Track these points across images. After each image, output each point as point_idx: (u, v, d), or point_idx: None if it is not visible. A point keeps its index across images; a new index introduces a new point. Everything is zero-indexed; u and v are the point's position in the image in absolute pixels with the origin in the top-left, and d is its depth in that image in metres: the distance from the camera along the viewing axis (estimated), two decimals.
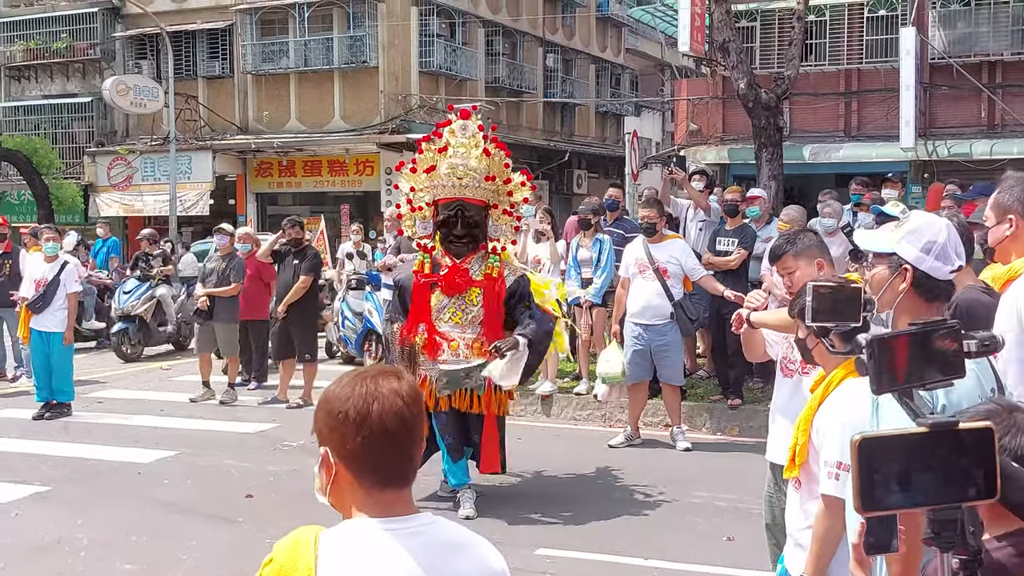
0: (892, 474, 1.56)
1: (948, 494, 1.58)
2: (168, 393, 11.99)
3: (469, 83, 27.38)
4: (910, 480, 1.56)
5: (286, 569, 1.94)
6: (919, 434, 1.59)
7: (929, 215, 3.13)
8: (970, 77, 19.43)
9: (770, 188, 12.78)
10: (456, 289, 7.09)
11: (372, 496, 1.97)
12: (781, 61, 17.75)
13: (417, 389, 2.02)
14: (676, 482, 7.79)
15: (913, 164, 20.04)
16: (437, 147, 7.20)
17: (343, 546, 1.96)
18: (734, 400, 9.62)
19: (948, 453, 1.57)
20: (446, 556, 2.00)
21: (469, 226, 7.12)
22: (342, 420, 1.94)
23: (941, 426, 1.58)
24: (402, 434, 1.94)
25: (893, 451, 1.57)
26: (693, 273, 8.68)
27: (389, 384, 1.95)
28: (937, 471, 1.56)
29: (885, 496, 1.56)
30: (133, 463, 8.66)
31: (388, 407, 1.93)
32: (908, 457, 1.56)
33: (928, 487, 1.56)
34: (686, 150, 22.84)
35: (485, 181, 7.12)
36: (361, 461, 1.95)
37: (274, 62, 26.69)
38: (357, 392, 1.95)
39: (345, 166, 26.51)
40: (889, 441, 1.59)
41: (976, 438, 1.58)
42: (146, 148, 27.61)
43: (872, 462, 1.56)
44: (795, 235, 4.22)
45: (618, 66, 35.70)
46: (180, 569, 6.09)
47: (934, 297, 2.87)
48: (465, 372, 7.02)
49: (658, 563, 6.10)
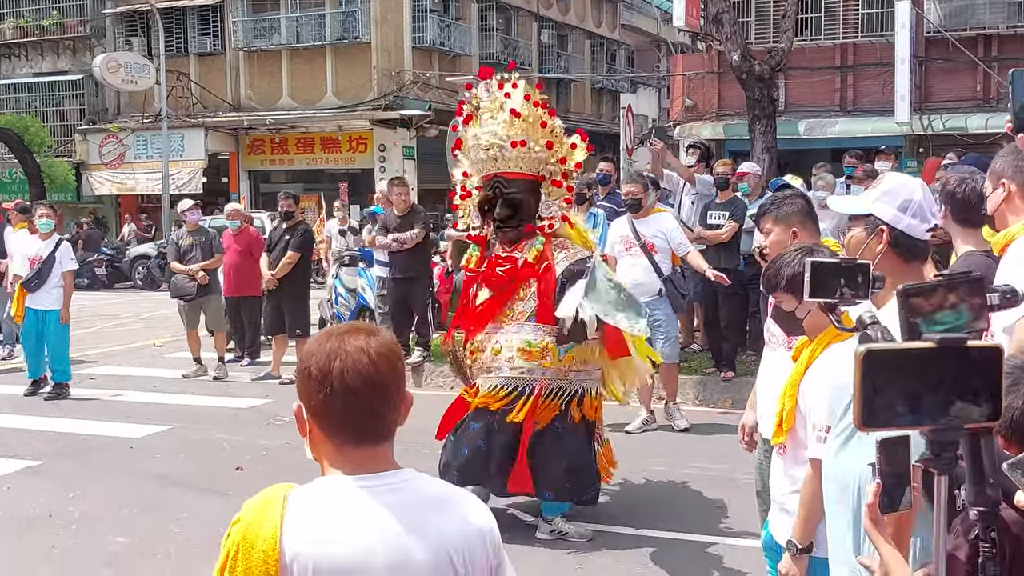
0: (895, 390, 1.48)
1: (952, 414, 1.50)
2: (160, 369, 11.97)
3: (463, 58, 27.26)
4: (913, 397, 1.49)
5: (252, 527, 1.90)
6: (926, 349, 1.51)
7: (902, 175, 3.12)
8: (965, 51, 19.35)
9: (763, 161, 12.75)
10: (498, 283, 5.98)
11: (344, 453, 1.94)
12: (776, 35, 17.66)
13: (390, 346, 1.95)
14: (669, 454, 7.80)
15: (908, 138, 20.01)
16: (462, 119, 6.14)
17: (313, 503, 1.92)
18: (727, 373, 9.61)
19: (954, 371, 1.50)
20: (427, 513, 1.94)
21: (511, 205, 5.93)
22: (307, 376, 1.92)
23: (950, 342, 1.51)
24: (366, 392, 1.89)
25: (898, 365, 1.50)
26: (679, 249, 8.52)
27: (356, 341, 1.91)
28: (941, 389, 1.49)
29: (886, 413, 1.49)
30: (125, 438, 8.65)
31: (351, 364, 1.88)
32: (913, 373, 1.49)
33: (931, 406, 1.49)
34: (682, 126, 22.77)
35: (515, 148, 5.89)
36: (327, 418, 1.92)
37: (266, 38, 26.56)
38: (322, 349, 1.91)
39: (338, 143, 26.43)
40: (894, 354, 1.52)
41: (984, 358, 1.52)
42: (138, 126, 27.51)
43: (875, 376, 1.48)
44: (783, 199, 4.19)
45: (613, 42, 35.57)
46: (172, 541, 6.08)
47: (912, 257, 2.85)
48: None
49: (649, 532, 6.10)
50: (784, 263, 3.45)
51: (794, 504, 3.30)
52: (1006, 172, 3.72)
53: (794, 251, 3.47)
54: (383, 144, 25.75)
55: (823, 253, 3.36)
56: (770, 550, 3.64)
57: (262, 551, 1.86)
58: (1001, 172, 3.75)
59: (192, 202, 11.76)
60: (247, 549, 1.87)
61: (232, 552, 1.89)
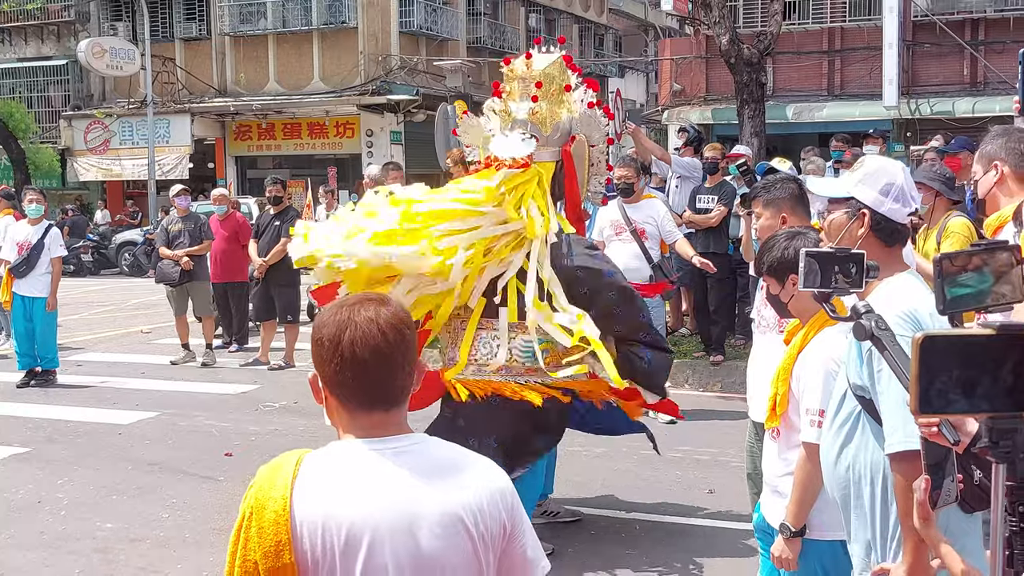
0: (953, 376, 1.47)
1: (1010, 402, 1.49)
2: (148, 356, 11.92)
3: (450, 43, 27.16)
4: (971, 385, 1.47)
5: (263, 489, 1.94)
6: (984, 336, 1.49)
7: (884, 158, 3.10)
8: (953, 35, 19.38)
9: (752, 145, 12.74)
10: None
11: (357, 419, 1.98)
12: (764, 19, 17.65)
13: (401, 316, 1.99)
14: (657, 437, 7.78)
15: (896, 122, 20.04)
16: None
17: (324, 467, 1.96)
18: (716, 356, 9.63)
19: (1013, 359, 1.48)
20: (437, 475, 1.97)
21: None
22: (320, 346, 1.97)
23: (1008, 329, 1.49)
24: (376, 362, 1.93)
25: (955, 353, 1.48)
26: (668, 237, 8.50)
27: (366, 312, 1.95)
28: (999, 377, 1.47)
29: (940, 399, 1.47)
30: (114, 424, 8.61)
31: (360, 335, 1.92)
32: (971, 360, 1.47)
33: (990, 393, 1.47)
34: (670, 110, 22.75)
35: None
36: (338, 386, 1.97)
37: (252, 23, 26.41)
38: (333, 319, 1.96)
39: (325, 128, 26.33)
40: (952, 341, 1.50)
41: None
42: (123, 111, 27.34)
43: (932, 363, 1.46)
44: (774, 181, 4.19)
45: (601, 26, 35.48)
46: (161, 527, 6.06)
47: (893, 241, 2.83)
48: None
49: (640, 516, 6.12)
50: (768, 247, 3.45)
51: (787, 487, 3.31)
52: (999, 154, 3.70)
53: (781, 236, 3.47)
54: (370, 129, 25.66)
55: (809, 237, 3.36)
56: (762, 532, 3.64)
57: (273, 511, 1.90)
58: (993, 155, 3.73)
59: (181, 187, 11.69)
60: (259, 510, 1.92)
61: (247, 513, 1.94)
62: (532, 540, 2.06)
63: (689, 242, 8.78)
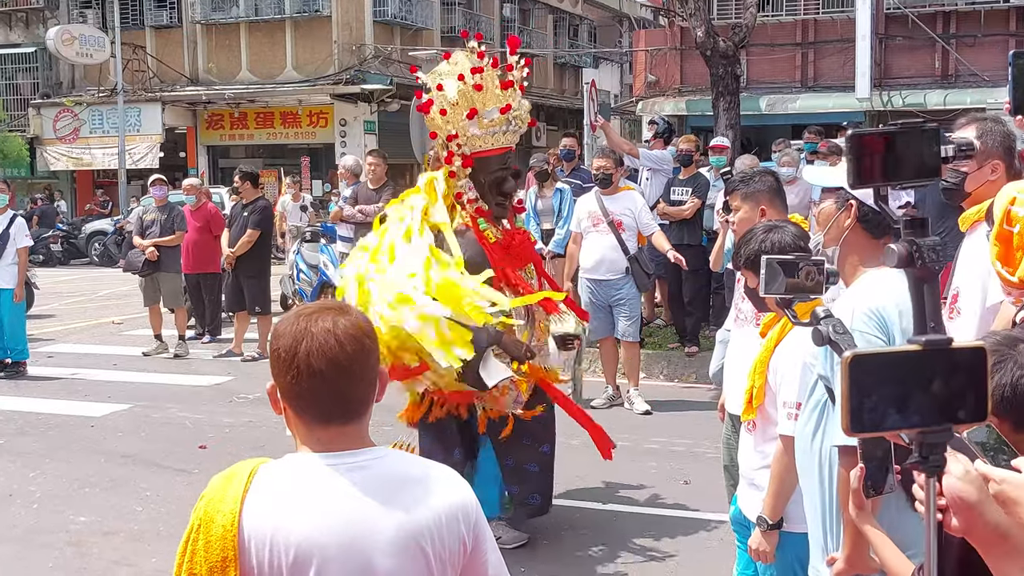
0: (883, 394, 1.49)
1: (940, 415, 1.51)
2: (120, 347, 11.82)
3: (425, 32, 27.04)
4: (902, 400, 1.50)
5: (213, 502, 1.90)
6: (912, 352, 1.52)
7: None
8: (925, 27, 19.50)
9: (727, 137, 12.76)
10: (525, 260, 5.62)
11: (314, 431, 1.93)
12: (739, 11, 17.69)
13: (360, 326, 1.92)
14: (632, 428, 7.83)
15: (868, 114, 20.14)
16: (503, 80, 5.56)
17: (277, 480, 1.91)
18: (691, 348, 9.66)
19: (941, 373, 1.50)
20: (394, 491, 1.91)
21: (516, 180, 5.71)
22: (276, 358, 1.91)
23: (934, 344, 1.52)
24: (333, 374, 1.87)
25: (885, 369, 1.50)
26: (645, 229, 8.52)
27: (323, 323, 1.89)
28: (929, 391, 1.50)
29: (875, 417, 1.49)
30: (86, 417, 8.53)
31: (317, 347, 1.87)
32: (900, 376, 1.50)
33: (920, 408, 1.50)
34: (644, 101, 22.77)
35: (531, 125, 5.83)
36: (295, 399, 1.92)
37: (224, 11, 26.18)
38: (289, 331, 1.90)
39: (298, 118, 26.17)
40: (881, 359, 1.52)
41: (969, 358, 1.53)
42: (93, 100, 27.04)
43: (862, 380, 1.48)
44: (751, 175, 4.20)
45: (576, 17, 35.44)
46: (135, 520, 6.02)
47: (881, 233, 2.84)
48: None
49: (616, 507, 6.14)
50: (746, 240, 3.46)
51: (764, 479, 3.32)
52: (996, 152, 3.67)
53: (759, 229, 3.48)
54: (344, 119, 25.52)
55: (787, 231, 3.37)
56: (739, 525, 3.66)
57: (221, 526, 1.86)
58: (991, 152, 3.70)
59: (157, 176, 11.59)
60: (207, 523, 1.88)
61: (195, 525, 1.90)
62: (495, 557, 2.02)
63: (664, 234, 8.81)
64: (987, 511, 1.57)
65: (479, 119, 5.43)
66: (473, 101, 5.42)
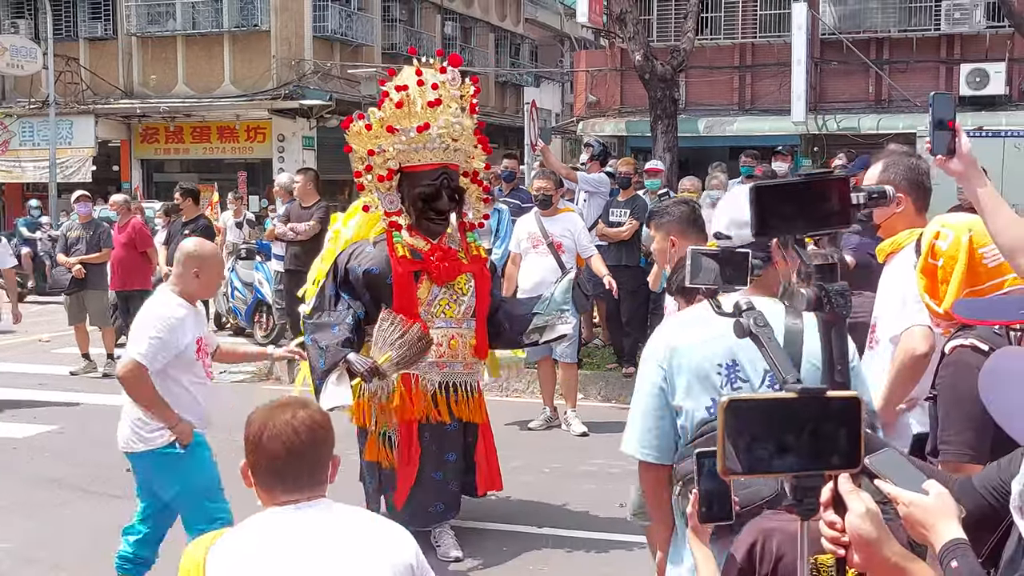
0: (757, 438, 1.53)
1: (814, 461, 1.56)
2: (47, 366, 11.52)
3: (365, 49, 26.94)
4: (777, 445, 1.54)
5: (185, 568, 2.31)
6: (787, 399, 1.57)
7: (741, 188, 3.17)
8: (859, 53, 19.92)
9: (665, 160, 12.90)
10: (448, 276, 5.74)
11: (276, 499, 2.33)
12: (678, 34, 17.90)
13: (316, 418, 2.33)
14: (569, 450, 7.81)
15: (804, 137, 20.51)
16: (427, 100, 5.70)
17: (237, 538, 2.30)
18: (629, 368, 9.67)
19: (815, 420, 1.55)
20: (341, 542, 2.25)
21: (453, 199, 5.82)
22: (246, 440, 2.35)
23: (808, 392, 1.57)
24: (289, 459, 2.29)
25: (761, 415, 1.54)
26: (584, 251, 8.53)
27: (284, 415, 2.31)
28: (803, 437, 1.54)
29: (749, 460, 1.53)
30: (9, 438, 8.29)
31: (276, 435, 2.29)
32: (775, 422, 1.54)
33: (794, 453, 1.55)
34: (584, 122, 22.92)
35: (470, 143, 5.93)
36: (259, 475, 2.35)
37: (160, 24, 25.84)
38: (258, 419, 2.34)
39: (236, 132, 25.89)
40: (755, 405, 1.57)
41: (843, 406, 1.58)
42: (24, 112, 26.49)
43: (738, 425, 1.53)
44: (668, 206, 4.19)
45: (517, 36, 35.63)
46: (59, 547, 5.85)
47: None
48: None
49: (552, 531, 6.10)
50: (676, 269, 3.51)
51: None
52: (900, 185, 3.72)
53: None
54: (282, 134, 25.30)
55: None
56: None
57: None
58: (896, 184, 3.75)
59: (81, 193, 11.36)
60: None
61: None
62: None
63: (601, 255, 8.82)
64: (885, 547, 1.63)
65: (398, 135, 5.70)
66: (396, 119, 5.70)
